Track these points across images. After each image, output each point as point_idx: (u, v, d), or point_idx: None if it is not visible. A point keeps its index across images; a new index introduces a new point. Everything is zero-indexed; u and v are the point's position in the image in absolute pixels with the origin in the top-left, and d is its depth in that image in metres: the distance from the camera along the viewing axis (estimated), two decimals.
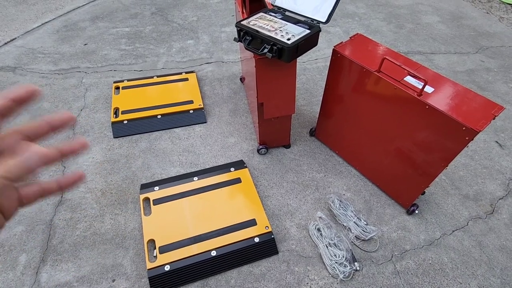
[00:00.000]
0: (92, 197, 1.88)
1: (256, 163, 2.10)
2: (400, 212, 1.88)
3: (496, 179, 2.07)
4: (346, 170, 2.08)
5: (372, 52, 1.62)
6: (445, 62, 3.02)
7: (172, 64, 2.85)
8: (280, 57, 1.45)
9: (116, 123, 2.23)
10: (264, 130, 1.99)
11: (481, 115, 1.30)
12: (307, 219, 1.82)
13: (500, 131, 2.38)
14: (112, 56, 2.92)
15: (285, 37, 1.44)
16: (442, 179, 2.05)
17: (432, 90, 1.40)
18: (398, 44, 3.22)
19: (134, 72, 2.75)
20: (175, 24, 3.37)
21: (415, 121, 1.46)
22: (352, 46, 1.65)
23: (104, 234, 1.72)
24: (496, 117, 1.33)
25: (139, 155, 2.11)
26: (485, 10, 3.95)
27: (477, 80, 2.83)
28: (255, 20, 1.58)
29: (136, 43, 3.08)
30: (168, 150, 2.15)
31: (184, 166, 2.06)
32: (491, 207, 1.92)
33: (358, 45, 1.67)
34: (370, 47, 1.66)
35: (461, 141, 1.31)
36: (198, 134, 2.26)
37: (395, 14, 3.69)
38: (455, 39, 3.33)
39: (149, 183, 1.90)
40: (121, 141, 2.19)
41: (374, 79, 1.52)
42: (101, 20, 3.39)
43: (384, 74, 1.48)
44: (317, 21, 1.55)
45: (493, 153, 2.22)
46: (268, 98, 1.73)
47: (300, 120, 2.40)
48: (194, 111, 2.34)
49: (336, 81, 1.75)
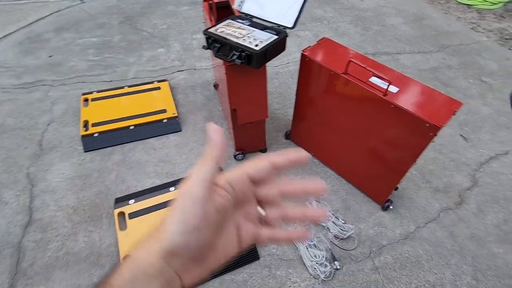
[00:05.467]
0: (63, 215, 1.80)
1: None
2: (376, 209, 1.93)
3: (462, 171, 2.17)
4: (322, 171, 2.12)
5: (339, 55, 1.67)
6: (410, 61, 3.15)
7: (143, 73, 2.80)
8: (249, 64, 1.47)
9: (86, 136, 2.15)
10: (239, 136, 2.00)
11: (442, 111, 1.36)
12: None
13: (464, 125, 2.51)
14: (79, 67, 2.83)
15: (253, 43, 1.45)
16: (414, 173, 2.13)
17: (396, 90, 1.46)
18: (365, 45, 3.33)
19: (103, 83, 2.68)
20: (144, 32, 3.32)
21: (382, 120, 1.51)
22: (319, 50, 1.69)
23: (78, 253, 1.65)
24: (456, 113, 1.41)
25: (113, 168, 2.05)
26: (443, 11, 4.17)
27: (440, 77, 2.98)
28: (223, 27, 1.58)
29: (105, 53, 3.00)
30: (143, 161, 2.10)
31: (160, 177, 2.02)
32: (459, 198, 2.01)
33: (325, 48, 1.71)
34: (337, 50, 1.70)
35: (425, 137, 1.37)
36: (173, 143, 2.23)
37: (361, 17, 3.82)
38: (418, 39, 3.49)
39: (124, 197, 1.85)
40: (93, 155, 2.12)
41: (342, 81, 1.56)
42: (66, 31, 3.28)
43: (351, 76, 1.52)
44: (284, 27, 1.58)
45: (458, 146, 2.34)
46: (241, 104, 1.74)
47: (275, 124, 2.43)
48: (168, 120, 2.31)
49: (306, 84, 1.79)
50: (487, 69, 3.13)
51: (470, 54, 3.32)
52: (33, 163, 2.04)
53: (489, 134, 2.44)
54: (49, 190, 1.90)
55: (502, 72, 3.11)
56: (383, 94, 1.43)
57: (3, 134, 2.20)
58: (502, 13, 4.24)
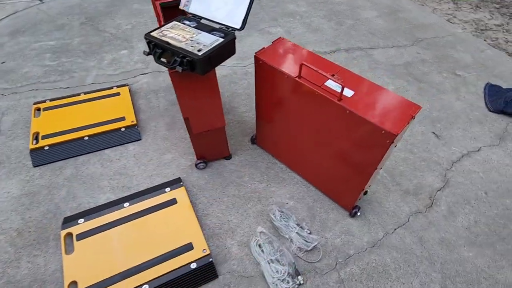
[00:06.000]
0: (6, 239, 1.66)
1: (194, 179, 1.98)
2: (343, 216, 1.84)
3: (434, 171, 2.10)
4: (289, 177, 2.02)
5: (294, 56, 1.56)
6: (384, 56, 3.07)
7: (103, 78, 2.64)
8: (193, 70, 1.34)
9: (35, 150, 2.00)
10: (198, 144, 1.88)
11: (399, 117, 1.27)
12: (249, 235, 1.73)
13: (437, 121, 2.44)
14: (34, 73, 2.65)
15: (196, 48, 1.33)
16: (384, 176, 2.05)
17: (352, 93, 1.36)
18: (338, 41, 3.23)
19: (59, 90, 2.51)
20: (107, 34, 3.14)
21: (340, 126, 1.41)
22: (274, 52, 1.57)
23: (19, 281, 1.52)
24: (414, 117, 1.31)
25: (64, 184, 1.91)
26: (420, 2, 4.10)
27: (414, 72, 2.90)
28: (167, 30, 1.45)
29: (62, 57, 2.83)
30: (97, 174, 1.97)
31: (116, 191, 1.89)
32: (430, 200, 1.95)
33: (280, 49, 1.59)
34: (293, 51, 1.59)
35: (383, 144, 1.27)
36: (132, 153, 2.10)
37: (336, 11, 3.71)
38: (393, 33, 3.40)
39: (73, 216, 1.72)
40: (43, 170, 1.97)
41: (296, 85, 1.45)
42: (22, 34, 3.08)
43: (305, 80, 1.42)
44: (232, 28, 1.46)
45: (430, 144, 2.27)
46: (193, 113, 1.62)
47: (242, 127, 2.31)
48: (126, 128, 2.17)
49: (263, 87, 1.68)
50: (462, 62, 3.07)
51: (445, 47, 3.25)
52: None
53: (462, 130, 2.38)
54: None
55: (476, 64, 3.05)
56: (337, 99, 1.33)
57: None
58: (478, 3, 4.19)
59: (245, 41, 3.13)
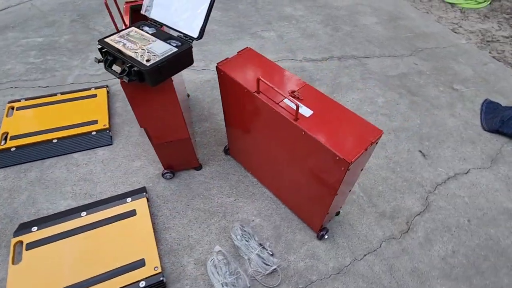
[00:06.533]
0: None
1: (160, 189, 1.91)
2: (311, 238, 1.74)
3: (415, 193, 1.97)
4: (259, 191, 1.93)
5: (257, 69, 1.46)
6: (378, 66, 2.93)
7: (85, 78, 2.60)
8: (142, 81, 1.26)
9: (1, 151, 1.96)
10: (162, 154, 1.80)
11: (357, 142, 1.16)
12: (208, 253, 1.65)
13: (426, 139, 2.30)
14: (16, 71, 2.63)
15: (145, 57, 1.25)
16: (360, 196, 1.94)
17: (310, 113, 1.25)
18: (332, 48, 3.11)
19: (38, 88, 2.48)
20: (96, 32, 3.10)
21: (298, 145, 1.31)
22: (237, 63, 1.48)
23: None
24: (375, 143, 1.20)
25: (26, 187, 1.86)
26: (425, 10, 3.92)
27: (408, 84, 2.76)
28: (122, 37, 1.37)
29: (47, 55, 2.80)
30: (62, 179, 1.91)
31: (77, 198, 1.83)
32: (406, 225, 1.82)
33: (244, 61, 1.50)
34: (258, 63, 1.49)
35: (337, 171, 1.17)
36: (100, 158, 2.04)
37: (333, 16, 3.58)
38: (391, 41, 3.25)
39: (29, 223, 1.67)
40: (7, 172, 1.93)
41: (255, 100, 1.36)
42: (11, 30, 3.07)
43: (263, 95, 1.32)
44: (189, 37, 1.37)
45: (415, 164, 2.14)
46: (151, 124, 1.54)
47: (217, 136, 2.23)
48: (98, 132, 2.11)
49: (227, 99, 1.59)
50: (461, 76, 2.91)
51: (445, 58, 3.09)
52: None
53: (451, 150, 2.23)
54: None
55: (477, 78, 2.89)
56: (294, 119, 1.23)
57: None
58: (487, 12, 3.99)
59: (235, 45, 3.04)
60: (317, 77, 2.74)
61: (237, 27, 3.28)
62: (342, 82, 2.71)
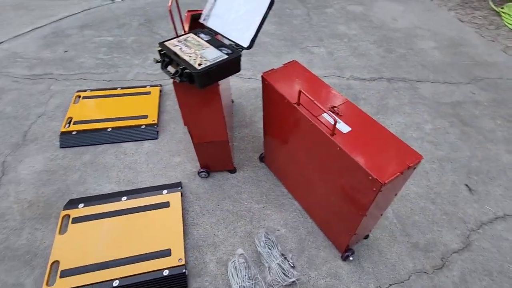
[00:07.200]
0: (18, 208, 1.85)
1: (195, 186, 2.00)
2: (335, 257, 1.70)
3: (455, 229, 1.84)
4: (288, 202, 1.94)
5: (300, 82, 1.49)
6: (430, 91, 2.81)
7: (142, 76, 2.84)
8: (192, 82, 1.37)
9: (65, 133, 2.21)
10: (201, 153, 1.90)
11: (393, 164, 1.13)
12: (230, 254, 1.69)
13: (474, 173, 2.14)
14: (87, 64, 2.95)
15: (197, 61, 1.35)
16: (393, 222, 1.86)
17: (348, 130, 1.25)
18: (382, 69, 3.04)
19: (103, 82, 2.76)
20: (158, 36, 3.38)
21: (332, 161, 1.31)
22: (282, 74, 1.53)
23: (16, 249, 1.67)
24: (414, 168, 1.17)
25: (79, 168, 2.07)
26: (490, 38, 3.68)
27: (462, 113, 2.60)
28: (180, 41, 1.50)
29: (114, 53, 3.10)
30: (110, 165, 2.10)
31: (120, 184, 2.00)
32: (441, 261, 1.70)
33: (289, 73, 1.54)
34: (302, 76, 1.53)
35: (369, 190, 1.15)
36: (145, 150, 2.20)
37: (388, 37, 3.51)
38: (448, 67, 3.10)
39: (77, 199, 1.85)
40: (67, 152, 2.16)
41: (294, 112, 1.39)
42: (88, 28, 3.46)
43: (303, 108, 1.35)
44: (240, 46, 1.45)
45: (459, 197, 2.00)
46: (194, 123, 1.65)
47: (254, 143, 2.29)
48: (146, 126, 2.29)
49: (269, 108, 1.64)
50: None
51: (508, 90, 2.87)
52: (12, 152, 2.14)
53: (503, 188, 2.05)
54: (15, 181, 1.98)
55: None
56: (330, 134, 1.24)
57: None
58: None
59: (284, 57, 3.11)
60: (362, 96, 2.70)
61: (288, 41, 3.35)
62: (388, 104, 2.64)
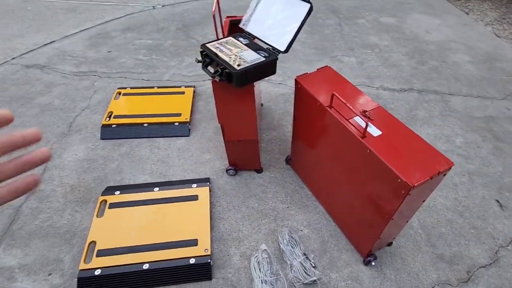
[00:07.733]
0: (61, 191, 2.00)
1: (222, 182, 2.09)
2: (356, 261, 1.72)
3: (483, 243, 1.80)
4: (312, 205, 1.97)
5: (333, 86, 1.55)
6: (462, 105, 2.76)
7: (178, 77, 2.99)
8: (230, 82, 1.46)
9: (106, 126, 2.38)
10: (231, 151, 1.99)
11: (423, 169, 1.16)
12: (254, 250, 1.75)
13: (506, 190, 2.08)
14: (128, 64, 3.15)
15: (236, 62, 1.44)
16: (418, 232, 1.84)
17: (379, 133, 1.29)
18: (413, 80, 3.03)
19: (141, 81, 2.93)
20: (193, 40, 3.55)
21: (361, 163, 1.35)
22: (315, 78, 1.59)
23: (59, 228, 1.82)
24: (444, 174, 1.18)
25: (117, 158, 2.22)
26: None
27: (495, 129, 2.54)
28: (220, 44, 1.61)
29: (153, 55, 3.29)
30: (144, 157, 2.23)
31: (153, 175, 2.12)
32: (467, 275, 1.67)
33: (322, 78, 1.61)
34: (334, 81, 1.58)
35: (397, 194, 1.18)
36: (177, 146, 2.32)
37: (421, 50, 3.48)
38: (482, 82, 3.04)
39: (114, 187, 1.99)
40: (106, 143, 2.32)
41: (326, 114, 1.44)
42: (130, 31, 3.70)
43: (335, 110, 1.40)
44: (277, 50, 1.54)
45: (489, 212, 1.95)
46: (228, 121, 1.74)
47: (282, 146, 2.35)
48: (180, 124, 2.42)
49: (300, 111, 1.70)
50: None
51: None
52: (58, 140, 2.33)
53: None
54: (60, 166, 2.15)
55: None
56: (361, 136, 1.28)
57: (47, 111, 2.56)
58: None
59: (314, 65, 3.17)
60: (391, 106, 2.70)
61: (319, 49, 3.42)
62: (418, 115, 2.62)
